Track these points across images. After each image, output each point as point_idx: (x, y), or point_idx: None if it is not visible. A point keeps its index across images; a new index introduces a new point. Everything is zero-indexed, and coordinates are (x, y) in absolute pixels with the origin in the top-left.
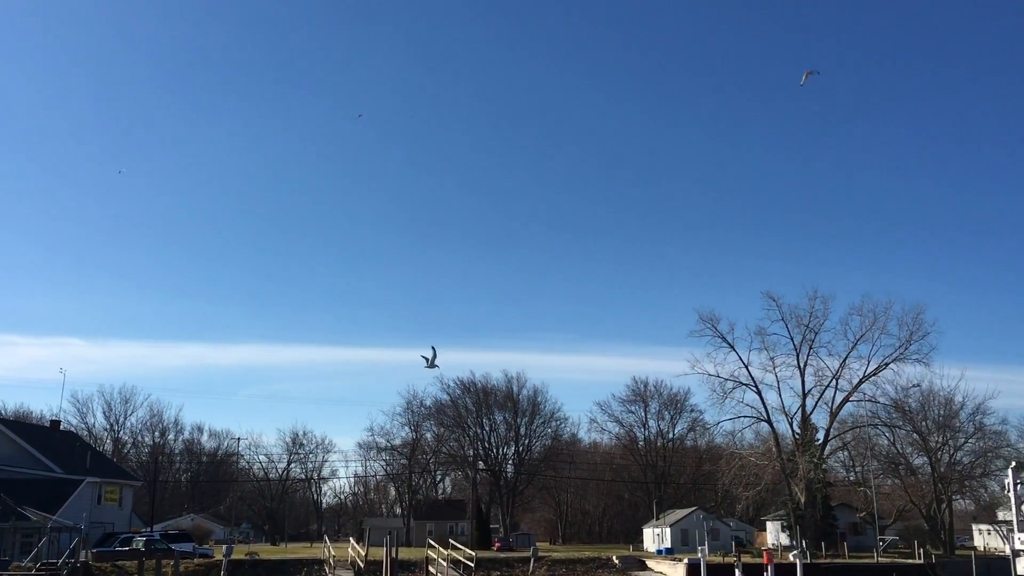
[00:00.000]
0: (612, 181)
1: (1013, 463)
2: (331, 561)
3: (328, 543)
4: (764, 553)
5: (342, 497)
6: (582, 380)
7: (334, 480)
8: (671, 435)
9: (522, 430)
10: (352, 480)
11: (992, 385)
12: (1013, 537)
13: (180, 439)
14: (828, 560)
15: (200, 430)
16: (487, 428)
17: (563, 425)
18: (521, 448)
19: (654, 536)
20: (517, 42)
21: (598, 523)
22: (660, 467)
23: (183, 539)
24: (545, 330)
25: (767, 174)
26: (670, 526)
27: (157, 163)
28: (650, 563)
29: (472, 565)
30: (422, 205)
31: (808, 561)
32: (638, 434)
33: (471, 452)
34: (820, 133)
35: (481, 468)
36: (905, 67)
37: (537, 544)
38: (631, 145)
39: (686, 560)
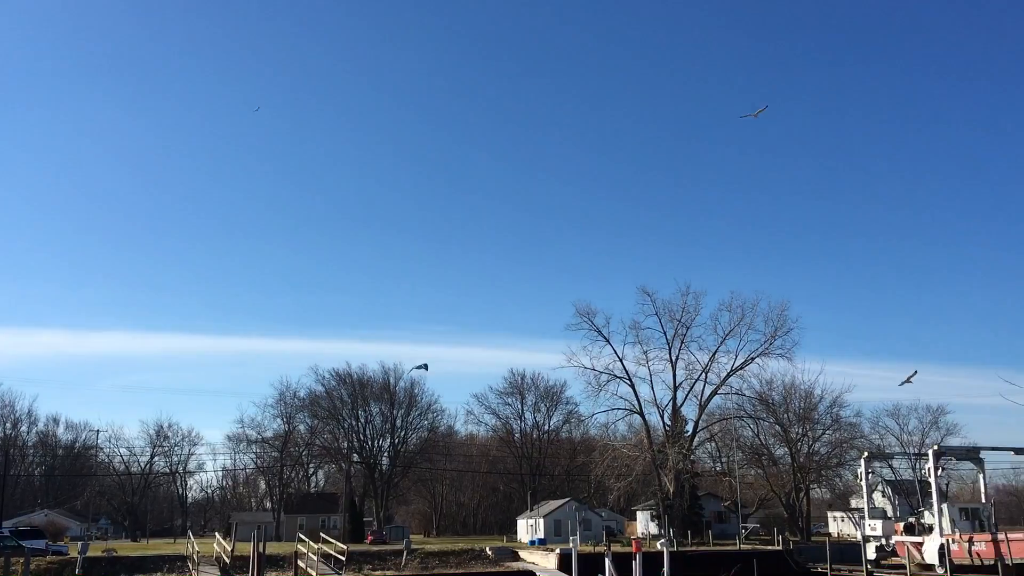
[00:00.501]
0: (491, 174)
1: (865, 453)
2: (195, 557)
3: (192, 539)
4: (633, 542)
5: (209, 491)
6: (460, 372)
7: (201, 474)
8: (547, 427)
9: (398, 422)
10: (220, 474)
11: (848, 379)
12: (864, 523)
13: (34, 431)
14: (694, 548)
15: (56, 421)
16: (362, 420)
17: (440, 417)
18: (397, 440)
19: (527, 527)
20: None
21: (473, 515)
22: (535, 459)
23: (35, 536)
24: (423, 321)
25: (645, 173)
26: (543, 517)
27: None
28: (523, 554)
29: (343, 559)
30: (296, 188)
31: (675, 549)
32: (514, 426)
33: (345, 444)
34: (693, 137)
35: (355, 460)
36: (774, 74)
37: (411, 537)
38: (511, 140)
39: (558, 550)
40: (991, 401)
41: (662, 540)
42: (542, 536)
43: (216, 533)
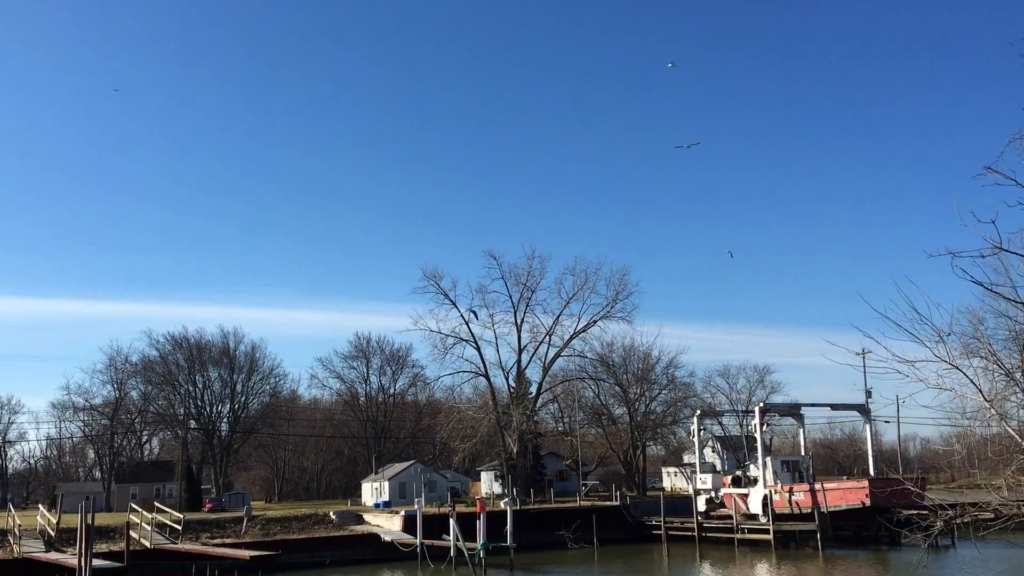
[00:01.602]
0: (332, 136)
1: (698, 411)
2: (16, 531)
3: (13, 511)
4: (477, 502)
5: (32, 462)
6: (304, 336)
7: (22, 443)
8: (392, 390)
9: (238, 387)
10: (44, 443)
11: (683, 341)
12: (696, 478)
13: None
14: (536, 506)
15: None
16: (200, 385)
17: (282, 382)
18: (237, 406)
19: (372, 491)
20: None
21: (317, 480)
22: (381, 422)
23: None
24: (265, 284)
25: (493, 137)
26: (388, 480)
27: None
28: (368, 517)
29: (179, 528)
30: (114, 141)
31: (518, 508)
32: (360, 390)
33: (182, 411)
34: (534, 105)
35: (193, 427)
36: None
37: (252, 503)
38: (361, 103)
39: (403, 512)
40: (812, 360)
41: (505, 499)
42: (387, 499)
43: (40, 505)
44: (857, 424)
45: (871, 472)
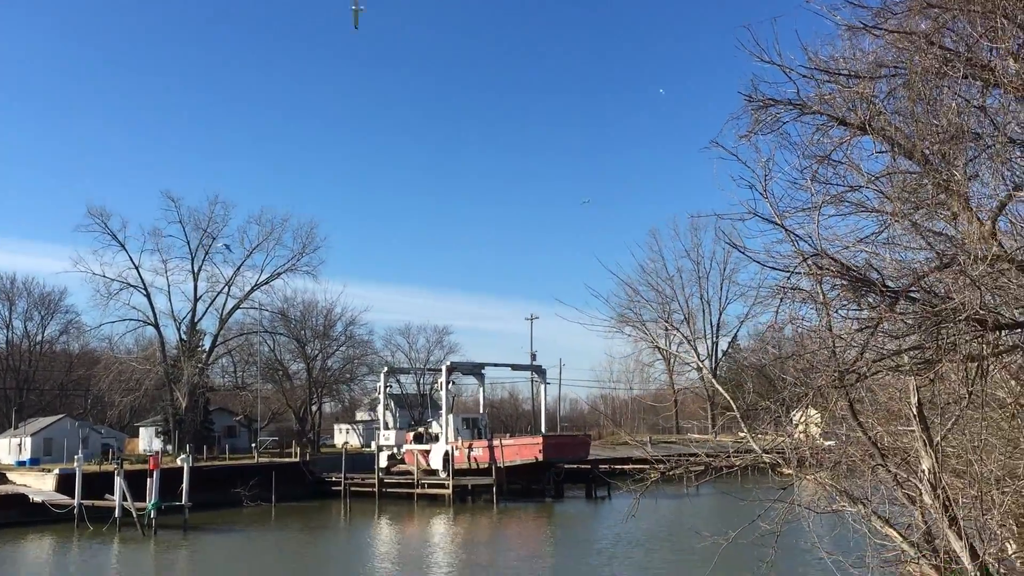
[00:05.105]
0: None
1: (386, 368)
2: None
3: None
4: (151, 459)
5: None
6: None
7: None
8: (40, 338)
9: None
10: None
11: (367, 301)
12: (379, 434)
13: None
14: (210, 463)
15: None
16: None
17: None
18: None
19: (12, 447)
20: None
21: None
22: (24, 372)
23: None
24: None
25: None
26: (31, 435)
27: None
28: (12, 476)
29: None
30: None
31: (192, 465)
32: (1, 336)
33: None
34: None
35: None
36: None
37: None
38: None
39: (56, 471)
40: (491, 325)
41: (182, 456)
42: (31, 456)
43: None
44: (519, 384)
45: (542, 429)
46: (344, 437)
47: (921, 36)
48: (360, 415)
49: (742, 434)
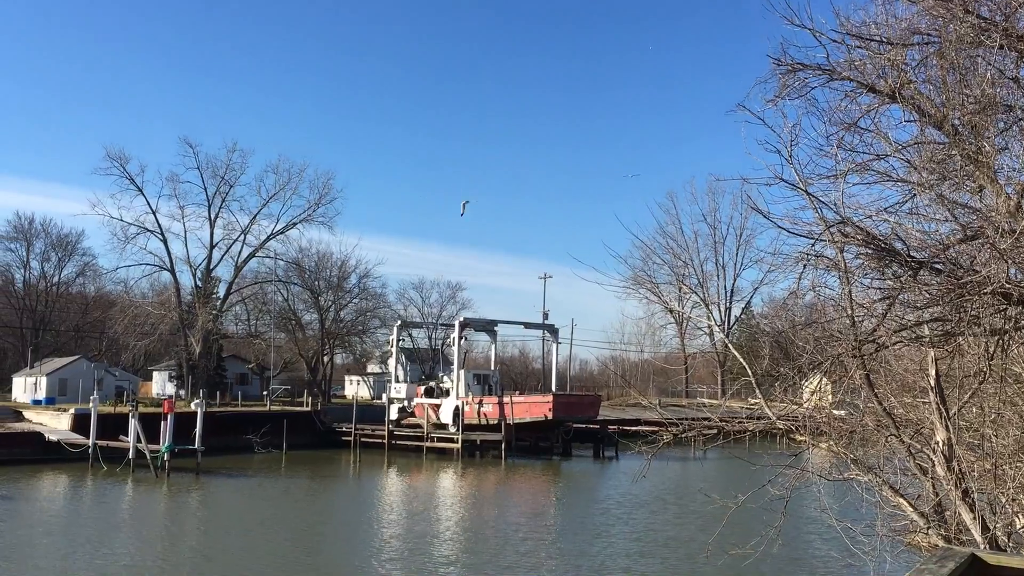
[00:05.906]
0: None
1: (399, 321)
2: None
3: None
4: (165, 403)
5: None
6: None
7: None
8: (57, 279)
9: None
10: None
11: (381, 254)
12: (390, 387)
13: None
14: (223, 409)
15: None
16: None
17: None
18: None
19: (28, 386)
20: None
21: None
22: (40, 312)
23: None
24: None
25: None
26: (47, 375)
27: None
28: (28, 414)
29: None
30: None
31: (206, 410)
32: (17, 275)
33: None
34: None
35: None
36: None
37: None
38: None
39: (72, 410)
40: (500, 281)
41: (196, 400)
42: (46, 395)
43: None
44: (530, 343)
45: (553, 388)
46: (355, 388)
47: (957, 4)
48: (371, 367)
49: (753, 400)
